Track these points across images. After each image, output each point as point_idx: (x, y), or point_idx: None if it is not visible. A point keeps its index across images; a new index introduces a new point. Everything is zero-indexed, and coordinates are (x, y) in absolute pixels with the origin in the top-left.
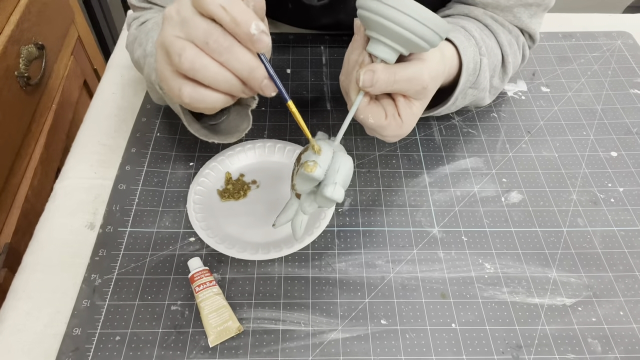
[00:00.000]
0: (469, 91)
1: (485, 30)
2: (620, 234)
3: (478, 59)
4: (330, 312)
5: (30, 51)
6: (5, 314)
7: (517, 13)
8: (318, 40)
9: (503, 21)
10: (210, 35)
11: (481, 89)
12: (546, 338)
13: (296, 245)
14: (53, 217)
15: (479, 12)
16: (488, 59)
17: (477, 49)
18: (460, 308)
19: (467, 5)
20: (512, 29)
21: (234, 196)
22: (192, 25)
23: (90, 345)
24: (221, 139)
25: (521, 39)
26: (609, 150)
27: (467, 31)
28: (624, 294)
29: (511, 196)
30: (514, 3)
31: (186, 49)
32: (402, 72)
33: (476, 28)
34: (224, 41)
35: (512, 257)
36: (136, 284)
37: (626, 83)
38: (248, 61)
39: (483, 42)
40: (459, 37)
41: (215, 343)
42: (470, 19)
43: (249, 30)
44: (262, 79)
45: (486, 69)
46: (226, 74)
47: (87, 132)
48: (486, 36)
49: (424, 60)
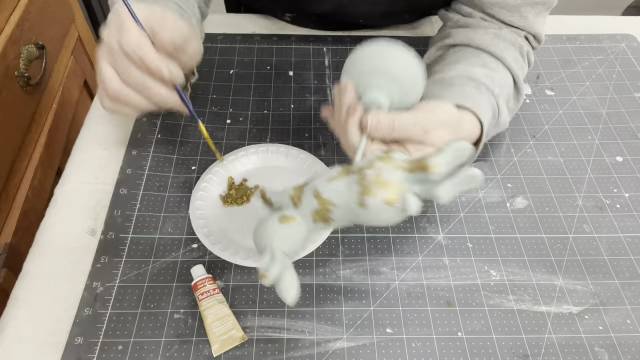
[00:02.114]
0: (492, 130)
1: (491, 61)
2: (627, 240)
3: (495, 104)
4: (334, 320)
5: (30, 51)
6: (6, 323)
7: (523, 12)
8: (320, 42)
9: (505, 35)
10: (129, 74)
11: (502, 123)
12: (553, 347)
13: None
14: (54, 223)
15: (479, 35)
16: (502, 95)
17: (490, 96)
18: (466, 316)
19: (467, 30)
20: (515, 41)
21: (236, 202)
22: (117, 60)
23: (93, 354)
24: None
25: (525, 49)
26: (615, 155)
27: (475, 80)
28: (630, 302)
29: (516, 202)
30: (521, 2)
31: (112, 82)
32: (402, 115)
33: (481, 67)
34: (139, 78)
35: (517, 264)
36: (138, 292)
37: (631, 87)
38: (162, 94)
39: (492, 81)
40: (470, 94)
41: (219, 352)
42: (473, 50)
43: (162, 75)
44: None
45: (504, 106)
46: (142, 101)
47: (87, 135)
48: (493, 70)
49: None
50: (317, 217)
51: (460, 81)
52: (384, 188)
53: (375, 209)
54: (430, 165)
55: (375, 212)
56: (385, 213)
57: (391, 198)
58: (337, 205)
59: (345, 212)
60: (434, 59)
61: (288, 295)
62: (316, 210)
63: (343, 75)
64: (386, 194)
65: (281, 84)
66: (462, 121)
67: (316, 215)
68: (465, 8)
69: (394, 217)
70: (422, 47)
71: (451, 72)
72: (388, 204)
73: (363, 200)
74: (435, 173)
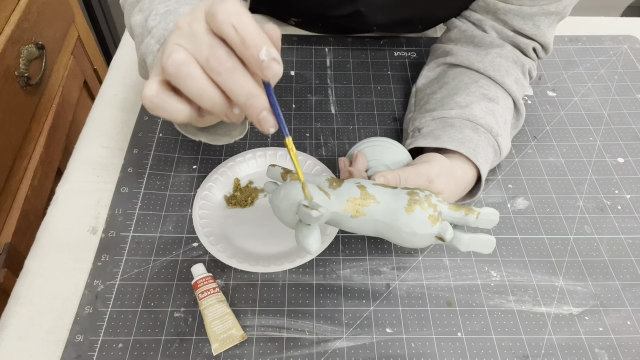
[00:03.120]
0: (495, 161)
1: (490, 87)
2: (628, 241)
3: (495, 143)
4: (334, 319)
5: (30, 51)
6: (7, 321)
7: (537, 21)
8: (322, 42)
9: (508, 53)
10: (213, 53)
11: (504, 154)
12: (553, 348)
13: (297, 260)
14: (55, 222)
15: (480, 58)
16: (503, 132)
17: (489, 136)
18: (466, 317)
19: (469, 50)
20: (517, 58)
21: (240, 203)
22: (198, 39)
23: (93, 352)
24: (209, 139)
25: (527, 66)
26: (616, 157)
27: (474, 121)
28: (631, 303)
29: (517, 202)
30: (536, 11)
31: (178, 52)
32: (404, 169)
33: (480, 98)
34: (227, 61)
35: (518, 264)
36: (139, 290)
37: (633, 88)
38: (249, 87)
39: (493, 116)
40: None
41: (219, 351)
42: (473, 75)
43: (258, 56)
44: (262, 110)
45: (504, 141)
46: (213, 92)
47: (88, 134)
48: (493, 100)
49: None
50: (351, 205)
51: (460, 123)
52: (432, 208)
53: (416, 221)
54: (476, 211)
55: (413, 225)
56: (421, 228)
57: (436, 218)
58: (379, 202)
59: (381, 213)
60: (433, 78)
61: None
62: (355, 198)
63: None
64: (434, 212)
65: (283, 84)
66: (455, 168)
67: (351, 203)
68: (475, 14)
69: (425, 237)
70: (423, 47)
71: (452, 112)
72: (431, 221)
73: (413, 208)
74: (478, 218)
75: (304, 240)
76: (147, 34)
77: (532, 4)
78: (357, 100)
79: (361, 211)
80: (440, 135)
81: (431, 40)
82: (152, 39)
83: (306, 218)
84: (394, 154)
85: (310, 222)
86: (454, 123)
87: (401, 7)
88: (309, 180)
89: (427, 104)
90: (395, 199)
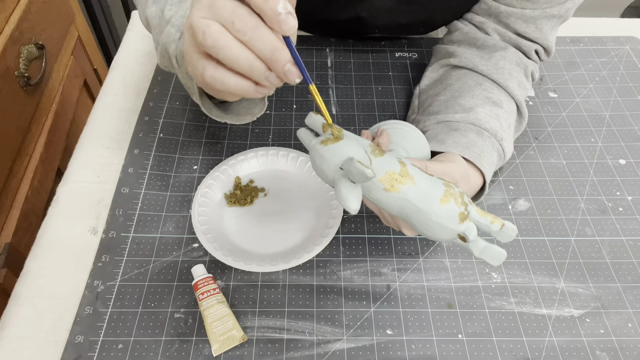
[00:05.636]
0: (498, 164)
1: (494, 90)
2: (629, 243)
3: (499, 148)
4: (335, 321)
5: (30, 51)
6: (7, 321)
7: (539, 24)
8: (323, 43)
9: (512, 56)
10: (236, 14)
11: (507, 157)
12: (554, 350)
13: (294, 261)
14: (55, 222)
15: (484, 61)
16: (507, 137)
17: (494, 140)
18: (467, 318)
19: (472, 52)
20: (520, 61)
21: (240, 202)
22: (219, 5)
23: (93, 353)
24: (232, 119)
25: (530, 69)
26: (618, 158)
27: (478, 125)
28: (632, 305)
29: (518, 204)
30: (539, 14)
31: (210, 26)
32: (431, 162)
33: (484, 102)
34: (250, 20)
35: (519, 266)
36: (139, 291)
37: (634, 89)
38: (271, 41)
39: (498, 120)
40: (472, 142)
41: (219, 352)
42: (477, 77)
43: (276, 8)
44: (286, 62)
45: (508, 145)
46: (248, 55)
47: (89, 134)
48: (496, 104)
49: (453, 162)
50: (388, 178)
51: (464, 127)
52: (464, 206)
53: (447, 213)
54: (502, 222)
55: (443, 216)
56: (450, 222)
57: (465, 216)
58: (416, 185)
59: (414, 196)
60: (436, 79)
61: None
62: (393, 172)
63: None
64: (464, 211)
65: (283, 84)
66: (469, 175)
67: (389, 176)
68: (477, 17)
69: (449, 232)
70: (424, 48)
71: (456, 115)
72: (460, 218)
73: (448, 199)
74: (501, 230)
75: (346, 196)
76: (165, 24)
77: (535, 7)
78: (358, 101)
79: (396, 187)
80: (444, 139)
81: (432, 41)
82: (172, 27)
83: (356, 175)
84: (413, 139)
85: (360, 180)
86: (458, 127)
87: (402, 12)
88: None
89: (431, 106)
90: (432, 186)
